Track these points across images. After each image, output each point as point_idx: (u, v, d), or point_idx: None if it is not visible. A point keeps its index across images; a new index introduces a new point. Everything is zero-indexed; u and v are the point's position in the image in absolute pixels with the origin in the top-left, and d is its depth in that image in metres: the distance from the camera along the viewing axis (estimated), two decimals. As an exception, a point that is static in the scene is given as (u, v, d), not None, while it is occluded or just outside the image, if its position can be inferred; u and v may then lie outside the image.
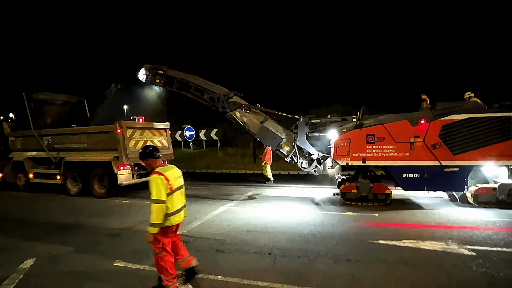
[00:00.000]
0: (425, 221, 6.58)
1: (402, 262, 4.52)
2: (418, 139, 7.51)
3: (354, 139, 7.91)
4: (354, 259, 4.62)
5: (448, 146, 7.37)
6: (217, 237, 5.85)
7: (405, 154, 7.61)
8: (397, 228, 6.17)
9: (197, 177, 15.23)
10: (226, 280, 4.07)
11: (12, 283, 4.16)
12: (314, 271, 4.32)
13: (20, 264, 4.77)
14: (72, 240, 5.99)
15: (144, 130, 10.97)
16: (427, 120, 7.50)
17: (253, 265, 4.57)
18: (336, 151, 8.04)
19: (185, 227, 6.55)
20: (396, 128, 7.67)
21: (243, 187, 11.68)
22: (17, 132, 12.38)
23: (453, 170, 7.35)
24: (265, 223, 6.75)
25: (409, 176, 7.64)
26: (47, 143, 11.38)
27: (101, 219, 7.48)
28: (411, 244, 5.15)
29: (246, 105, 9.59)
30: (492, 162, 7.19)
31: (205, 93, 9.87)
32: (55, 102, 13.00)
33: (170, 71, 10.26)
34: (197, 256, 4.86)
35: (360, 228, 6.22)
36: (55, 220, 7.58)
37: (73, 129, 11.36)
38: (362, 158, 7.85)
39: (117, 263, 4.74)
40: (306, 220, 6.89)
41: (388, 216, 7.00)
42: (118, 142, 9.98)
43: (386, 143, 7.71)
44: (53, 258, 5.05)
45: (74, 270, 4.57)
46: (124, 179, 10.18)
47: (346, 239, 5.61)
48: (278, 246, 5.30)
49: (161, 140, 11.63)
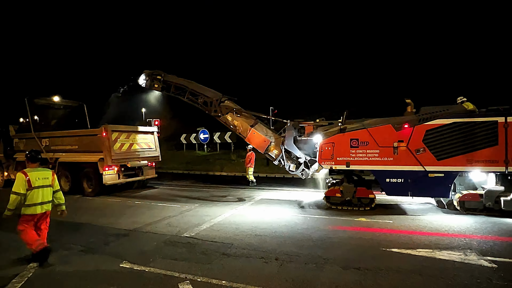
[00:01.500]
0: (443, 229, 6.25)
1: (416, 272, 4.28)
2: (402, 143, 7.43)
3: (338, 143, 7.93)
4: (364, 267, 4.42)
5: (432, 151, 7.22)
6: (224, 241, 5.76)
7: (388, 158, 7.52)
8: (411, 235, 5.89)
9: (210, 180, 15.28)
10: (230, 285, 3.96)
11: (20, 281, 4.22)
12: (321, 278, 4.15)
13: (30, 262, 4.85)
14: (81, 239, 6.07)
15: (130, 133, 11.65)
16: (411, 125, 7.38)
17: (259, 270, 4.45)
18: (321, 155, 8.09)
19: (193, 229, 6.52)
20: (380, 133, 7.62)
21: (254, 191, 11.59)
22: (20, 135, 13.46)
23: (438, 175, 7.19)
24: (274, 227, 6.63)
25: (393, 181, 7.55)
26: (45, 144, 12.31)
27: (112, 219, 7.57)
28: (426, 254, 4.89)
29: (237, 109, 9.80)
30: (478, 168, 6.96)
31: (199, 97, 10.25)
32: (55, 106, 14.10)
33: (168, 76, 10.70)
34: (203, 260, 4.85)
35: (372, 235, 5.99)
36: (65, 219, 7.71)
37: (66, 132, 12.26)
38: (346, 162, 7.84)
39: (124, 264, 4.73)
40: (315, 225, 6.72)
41: (403, 224, 6.70)
42: (103, 144, 10.71)
43: (370, 147, 7.67)
44: (62, 257, 5.10)
45: (81, 270, 4.60)
46: (109, 179, 10.78)
47: (357, 245, 5.40)
48: (286, 251, 5.16)
49: (147, 142, 12.33)
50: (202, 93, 10.19)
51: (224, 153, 22.65)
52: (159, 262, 4.81)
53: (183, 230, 6.49)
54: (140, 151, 12.04)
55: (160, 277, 4.28)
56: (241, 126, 9.74)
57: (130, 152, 11.62)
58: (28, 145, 12.93)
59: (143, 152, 12.13)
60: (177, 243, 5.74)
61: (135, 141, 11.83)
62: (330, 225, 6.72)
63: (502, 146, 6.74)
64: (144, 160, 12.10)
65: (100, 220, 7.58)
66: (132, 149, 11.71)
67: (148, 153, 12.35)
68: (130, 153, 11.61)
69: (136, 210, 8.61)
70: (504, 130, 6.73)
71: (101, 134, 10.80)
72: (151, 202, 9.74)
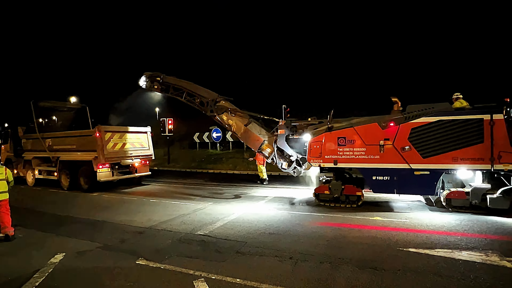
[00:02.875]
0: (462, 229, 6.06)
1: (435, 272, 4.17)
2: (388, 141, 7.47)
3: (326, 141, 8.09)
4: (380, 268, 4.33)
5: (417, 149, 7.23)
6: (238, 239, 5.77)
7: (375, 156, 7.59)
8: (428, 235, 5.74)
9: (223, 178, 15.37)
10: (244, 283, 3.97)
11: (41, 276, 4.35)
12: (337, 278, 4.10)
13: (51, 258, 5.00)
14: (99, 236, 6.20)
15: (123, 133, 12.42)
16: (396, 123, 7.41)
17: (273, 269, 4.43)
18: (310, 153, 8.25)
19: (207, 227, 6.57)
20: (366, 131, 7.70)
21: (267, 189, 11.57)
22: (27, 135, 14.50)
23: (423, 173, 7.19)
24: (288, 226, 6.60)
25: (379, 179, 7.61)
26: (48, 144, 13.24)
27: (128, 217, 7.71)
28: (445, 254, 4.75)
29: (232, 109, 10.05)
30: (464, 166, 6.92)
31: (196, 98, 10.60)
32: (59, 109, 15.28)
33: (167, 77, 11.06)
34: (217, 258, 4.87)
35: (388, 234, 5.86)
36: (84, 215, 7.93)
37: (66, 133, 13.32)
38: (334, 160, 7.99)
39: (140, 261, 4.81)
40: (331, 224, 6.64)
41: (419, 223, 6.54)
42: (97, 144, 11.50)
43: (357, 145, 7.77)
44: (80, 253, 5.24)
45: (100, 266, 4.70)
46: (103, 176, 11.58)
47: (373, 245, 5.30)
48: (300, 250, 5.12)
49: (140, 142, 13.12)
50: (199, 93, 10.50)
51: (237, 151, 22.70)
52: (174, 259, 4.87)
53: (197, 228, 6.55)
54: (133, 150, 12.75)
55: (175, 274, 4.33)
56: (235, 125, 10.02)
57: (123, 151, 12.36)
58: (34, 145, 14.06)
59: (136, 151, 12.85)
60: (192, 240, 5.80)
61: (128, 140, 12.57)
62: (344, 224, 6.63)
63: (487, 143, 6.67)
64: (137, 159, 12.83)
65: (117, 217, 7.73)
66: (125, 148, 12.44)
67: (141, 152, 13.09)
68: (123, 152, 12.35)
69: (151, 208, 8.75)
70: (490, 127, 6.64)
71: (95, 135, 11.61)
72: (165, 200, 9.87)
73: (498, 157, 6.60)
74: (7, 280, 4.24)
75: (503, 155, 6.58)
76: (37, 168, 13.79)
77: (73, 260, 4.95)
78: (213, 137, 22.52)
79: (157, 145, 28.95)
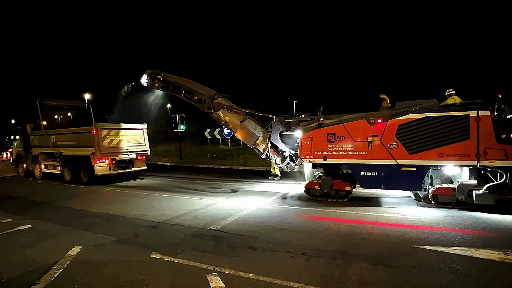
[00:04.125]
0: (480, 227, 5.90)
1: (451, 271, 4.08)
2: (376, 138, 7.56)
3: (316, 138, 8.24)
4: (395, 265, 4.27)
5: (404, 146, 7.29)
6: (250, 234, 5.79)
7: (363, 152, 7.71)
8: (444, 232, 5.62)
9: (234, 174, 15.43)
10: (257, 278, 3.98)
11: (60, 268, 4.47)
12: (350, 275, 4.06)
13: (68, 250, 5.13)
14: (114, 230, 6.33)
15: (119, 130, 13.11)
16: (384, 120, 7.49)
17: (286, 264, 4.43)
18: (301, 149, 8.44)
19: (220, 223, 6.61)
20: (355, 127, 7.81)
21: (279, 185, 11.56)
22: (34, 132, 15.43)
23: (410, 169, 7.25)
24: (299, 221, 6.59)
25: (367, 174, 7.71)
26: (52, 141, 14.09)
27: (142, 212, 7.84)
28: (462, 252, 4.64)
29: (228, 105, 10.29)
30: (450, 162, 6.93)
31: (194, 95, 10.87)
32: (64, 107, 16.39)
33: (167, 75, 11.36)
34: (230, 253, 4.89)
35: (402, 231, 5.77)
36: (98, 209, 8.10)
37: (67, 130, 14.08)
38: (324, 156, 8.15)
39: (154, 255, 4.89)
40: (343, 220, 6.58)
41: (434, 220, 6.41)
42: (94, 140, 12.22)
43: (346, 141, 7.91)
44: (96, 246, 5.36)
45: (115, 260, 4.80)
46: (100, 170, 12.33)
47: (386, 242, 5.23)
48: (312, 246, 5.09)
49: (136, 138, 13.79)
50: (197, 91, 10.81)
51: (247, 147, 22.73)
52: (188, 253, 4.92)
53: (210, 223, 6.60)
54: (129, 146, 13.42)
55: (189, 268, 4.38)
56: (231, 122, 10.27)
57: (119, 147, 13.05)
58: (40, 141, 14.99)
59: (132, 147, 13.51)
60: (204, 235, 5.85)
61: (124, 137, 13.25)
62: (357, 220, 6.57)
63: (474, 140, 6.67)
64: (133, 154, 13.48)
65: (130, 212, 7.87)
66: (121, 144, 13.12)
67: (137, 148, 13.77)
68: (119, 148, 13.04)
69: (164, 203, 8.86)
70: (476, 124, 6.63)
71: (92, 132, 12.30)
72: (177, 195, 9.99)
73: (484, 154, 6.59)
74: (27, 271, 4.38)
75: (489, 151, 6.56)
76: (43, 163, 14.77)
77: (89, 253, 5.07)
78: (224, 133, 22.63)
79: (169, 141, 29.45)
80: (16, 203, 9.53)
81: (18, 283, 4.02)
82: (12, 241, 5.82)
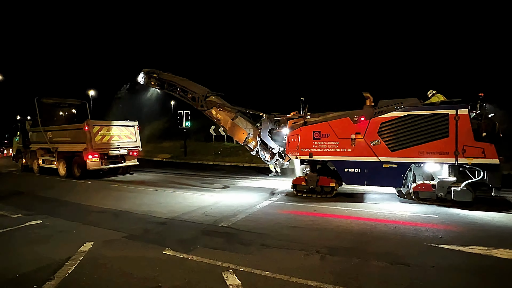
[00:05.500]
0: (496, 226, 5.81)
1: (470, 271, 4.00)
2: (359, 135, 7.74)
3: (302, 135, 8.43)
4: (413, 264, 4.19)
5: (386, 143, 7.45)
6: (261, 231, 5.74)
7: (347, 150, 7.89)
8: (459, 231, 5.53)
9: (241, 171, 15.38)
10: (273, 276, 3.92)
11: (73, 264, 4.43)
12: (367, 273, 4.00)
13: (80, 246, 5.10)
14: (124, 226, 6.29)
15: (110, 127, 13.52)
16: (367, 118, 7.65)
17: (301, 262, 4.36)
18: (288, 146, 8.65)
19: (230, 219, 6.56)
20: (339, 125, 7.99)
21: (285, 181, 11.47)
22: (33, 128, 15.90)
23: (392, 166, 7.41)
24: (310, 218, 6.53)
25: (351, 171, 7.89)
26: (49, 137, 14.50)
27: (151, 208, 7.81)
28: (481, 251, 4.56)
29: (221, 103, 10.48)
30: (430, 159, 7.08)
31: (189, 93, 11.08)
32: (61, 105, 16.55)
33: (162, 74, 11.67)
34: (243, 250, 4.84)
35: (417, 229, 5.69)
36: (106, 205, 8.08)
37: (61, 127, 14.64)
38: (309, 153, 8.34)
39: (166, 251, 4.84)
40: (354, 217, 6.51)
41: (451, 219, 6.32)
42: (86, 136, 12.67)
43: (330, 139, 8.08)
44: (107, 242, 5.32)
45: (128, 256, 4.75)
46: (92, 165, 12.84)
47: (402, 240, 5.16)
48: (326, 243, 5.03)
49: (128, 135, 14.16)
50: (191, 89, 11.05)
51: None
52: (200, 250, 4.87)
53: (220, 220, 6.55)
54: (121, 142, 13.82)
55: (203, 265, 4.32)
56: (223, 120, 10.43)
57: (111, 143, 13.45)
58: (38, 137, 15.36)
59: (123, 143, 13.91)
60: (215, 232, 5.79)
61: (115, 133, 13.64)
62: (369, 218, 6.49)
63: (452, 138, 6.81)
64: (124, 150, 13.86)
65: (139, 208, 7.84)
66: (112, 141, 13.52)
67: (128, 144, 14.18)
68: (111, 144, 13.44)
69: (172, 200, 8.82)
70: (455, 122, 6.78)
71: (84, 128, 12.74)
72: (185, 192, 9.95)
73: (462, 151, 6.73)
74: (41, 267, 4.35)
75: (467, 149, 6.69)
76: (41, 158, 15.25)
77: (101, 249, 5.02)
78: (229, 130, 22.46)
79: (173, 137, 29.41)
80: (23, 198, 9.54)
81: (33, 279, 3.98)
82: (24, 236, 5.80)
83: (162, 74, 11.66)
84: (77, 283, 3.87)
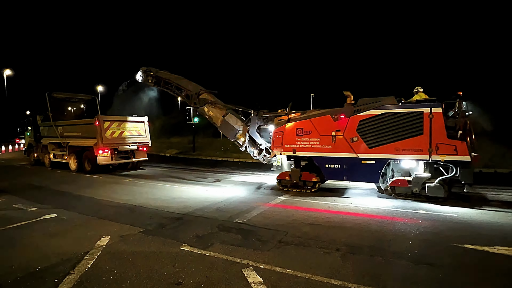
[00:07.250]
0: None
1: (497, 271, 3.88)
2: (339, 132, 8.00)
3: (286, 132, 8.72)
4: (438, 264, 4.09)
5: (364, 140, 7.69)
6: (278, 228, 5.67)
7: (327, 146, 8.17)
8: (481, 232, 5.39)
9: (250, 166, 15.33)
10: (295, 275, 3.85)
11: (92, 258, 4.42)
12: (391, 273, 3.90)
13: (97, 241, 5.09)
14: (139, 221, 6.27)
15: (121, 122, 13.61)
16: (347, 115, 7.92)
17: (321, 260, 4.28)
18: (273, 142, 9.00)
19: (244, 216, 6.51)
20: (320, 122, 8.26)
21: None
22: (44, 123, 16.16)
23: (369, 162, 7.65)
24: (327, 216, 6.44)
25: (331, 167, 8.18)
26: (60, 131, 14.72)
27: (164, 203, 7.79)
28: (507, 252, 4.43)
29: (212, 101, 10.79)
30: (406, 156, 7.31)
31: (183, 91, 11.43)
32: (71, 100, 16.77)
33: (159, 72, 12.00)
34: (260, 247, 4.77)
35: (438, 228, 5.57)
36: (120, 200, 8.08)
37: (73, 121, 14.82)
38: (293, 149, 8.64)
39: (184, 247, 4.80)
40: (373, 216, 6.40)
41: (471, 218, 6.17)
42: (97, 131, 12.75)
43: (312, 136, 8.36)
44: (124, 237, 5.30)
45: (146, 251, 4.71)
46: (103, 160, 12.91)
47: (424, 239, 5.05)
48: (346, 241, 4.95)
49: (138, 130, 14.28)
50: (185, 87, 11.32)
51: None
52: (218, 246, 4.82)
53: (234, 216, 6.50)
54: (131, 138, 13.88)
55: (222, 261, 4.27)
56: (214, 116, 10.69)
57: (121, 138, 13.53)
58: (49, 132, 15.59)
59: (133, 138, 13.97)
60: (231, 228, 5.75)
61: (126, 129, 13.75)
62: (387, 216, 6.38)
63: (426, 135, 7.00)
64: (134, 145, 13.91)
65: (152, 203, 7.83)
66: (122, 136, 13.60)
67: (139, 139, 14.24)
68: (121, 139, 13.51)
69: (185, 195, 8.81)
70: (429, 120, 6.95)
71: (95, 123, 12.86)
72: (197, 187, 9.95)
73: (435, 148, 6.92)
74: (60, 261, 4.34)
75: (440, 146, 6.88)
76: (52, 152, 15.42)
77: (119, 244, 5.00)
78: (238, 126, 22.42)
79: (181, 133, 29.45)
80: (37, 191, 9.60)
81: (52, 273, 3.97)
82: (41, 230, 5.81)
83: (159, 72, 11.99)
84: (97, 278, 3.84)
